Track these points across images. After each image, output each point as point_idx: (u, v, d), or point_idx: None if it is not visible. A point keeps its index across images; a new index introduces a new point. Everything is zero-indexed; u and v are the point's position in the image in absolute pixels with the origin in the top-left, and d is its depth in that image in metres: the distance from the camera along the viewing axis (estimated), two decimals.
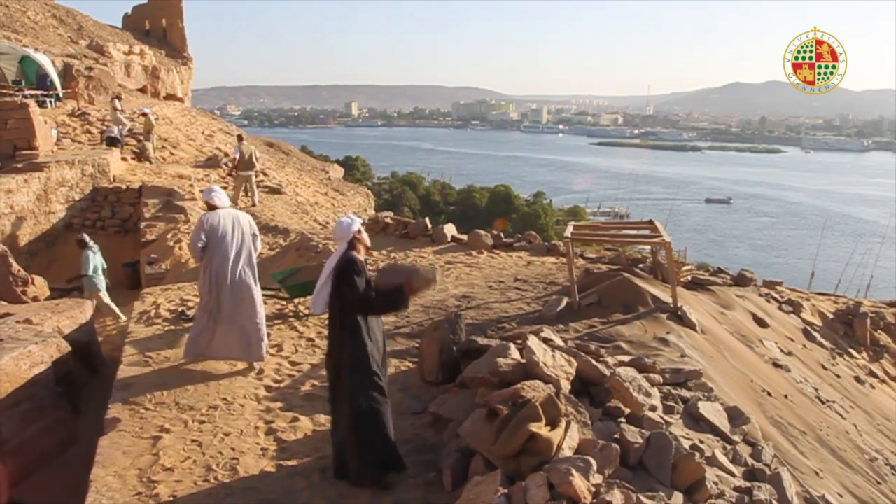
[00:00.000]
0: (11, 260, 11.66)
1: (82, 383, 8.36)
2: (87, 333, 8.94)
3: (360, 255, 4.96)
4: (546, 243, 12.30)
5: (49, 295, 11.89)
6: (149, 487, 4.85)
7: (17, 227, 14.74)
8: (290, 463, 5.10)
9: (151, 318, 8.55)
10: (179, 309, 8.79)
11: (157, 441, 5.48)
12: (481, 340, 6.18)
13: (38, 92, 23.80)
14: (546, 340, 5.74)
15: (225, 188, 13.99)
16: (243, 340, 6.82)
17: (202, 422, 5.77)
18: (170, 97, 38.81)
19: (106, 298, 10.93)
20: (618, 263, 10.43)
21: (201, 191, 7.69)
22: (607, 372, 5.25)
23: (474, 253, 11.58)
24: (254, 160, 16.16)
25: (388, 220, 13.55)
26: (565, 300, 8.19)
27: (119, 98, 22.63)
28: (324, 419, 5.71)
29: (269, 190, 18.83)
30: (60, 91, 25.53)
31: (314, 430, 5.57)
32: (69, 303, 9.46)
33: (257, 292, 6.93)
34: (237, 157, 16.10)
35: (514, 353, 5.34)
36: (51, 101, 24.16)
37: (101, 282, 10.91)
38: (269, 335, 7.31)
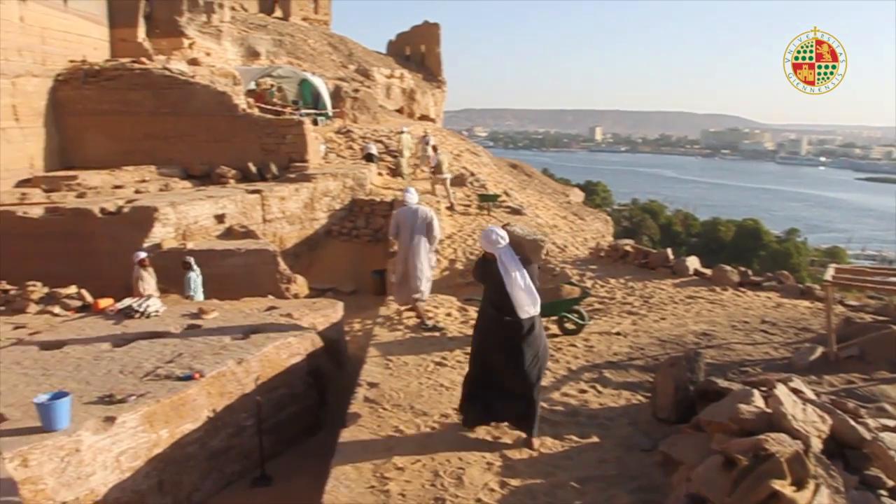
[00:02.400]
0: (280, 259, 13.05)
1: (329, 377, 9.09)
2: (338, 332, 9.72)
3: None
4: (799, 285, 11.31)
5: (307, 293, 13.13)
6: (381, 482, 5.14)
7: (286, 231, 16.44)
8: (513, 482, 5.13)
9: (394, 324, 9.07)
10: (420, 319, 9.23)
11: (391, 440, 5.78)
12: (721, 382, 5.80)
13: (313, 111, 26.48)
14: (796, 391, 5.26)
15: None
16: (412, 291, 9.19)
17: (433, 428, 6.00)
18: (423, 118, 41.21)
19: None
20: (885, 314, 9.30)
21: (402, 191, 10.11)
22: (868, 435, 4.69)
23: (718, 289, 10.95)
24: (442, 168, 19.25)
25: (628, 248, 13.25)
26: (820, 349, 7.46)
27: (429, 141, 23.00)
28: (550, 442, 5.69)
29: (511, 210, 19.28)
30: (330, 110, 28.18)
31: (540, 452, 5.56)
32: (324, 302, 10.35)
33: (425, 261, 9.23)
34: (434, 165, 19.53)
35: (759, 400, 4.95)
36: (322, 120, 26.74)
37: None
38: None
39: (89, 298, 10.47)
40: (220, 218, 14.85)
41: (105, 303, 10.14)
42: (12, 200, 15.01)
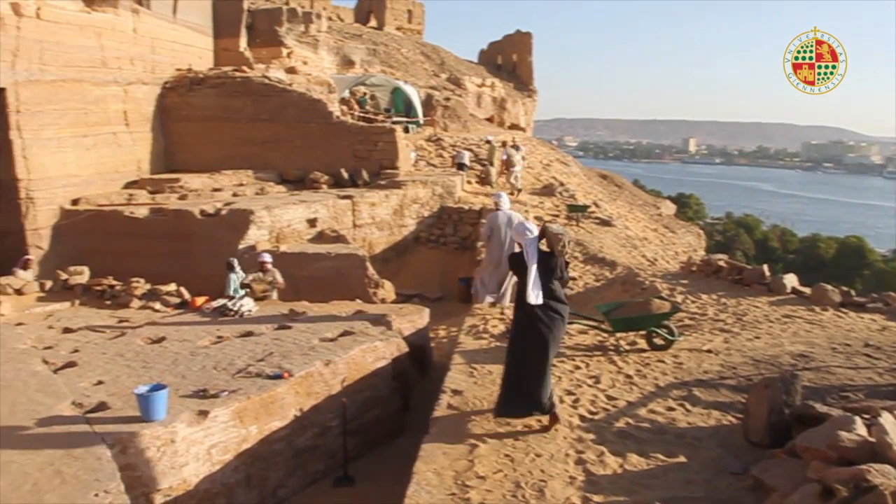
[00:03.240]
0: (368, 264, 13.27)
1: (413, 382, 9.18)
2: (423, 338, 9.79)
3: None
4: None
5: (394, 298, 13.30)
6: (462, 490, 5.13)
7: (375, 236, 16.71)
8: (595, 497, 5.04)
9: (479, 333, 9.06)
10: (506, 328, 9.20)
11: (473, 449, 5.78)
12: (819, 407, 5.53)
13: (404, 119, 26.85)
14: None
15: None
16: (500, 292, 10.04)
17: (516, 438, 5.96)
18: (513, 127, 41.14)
19: None
20: None
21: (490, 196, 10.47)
22: None
23: (817, 309, 10.44)
24: (514, 161, 20.67)
25: (722, 263, 12.81)
26: None
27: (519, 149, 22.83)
28: (635, 459, 5.56)
29: (600, 222, 19.01)
30: (421, 118, 28.51)
31: (624, 469, 5.44)
32: (410, 308, 10.45)
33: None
34: (504, 159, 20.76)
35: (861, 428, 4.69)
36: (413, 128, 27.07)
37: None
38: (587, 365, 7.77)
39: (187, 296, 10.92)
40: (312, 222, 15.24)
41: (201, 300, 10.57)
42: (121, 201, 15.87)
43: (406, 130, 25.09)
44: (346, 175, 18.58)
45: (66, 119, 15.71)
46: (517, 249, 6.55)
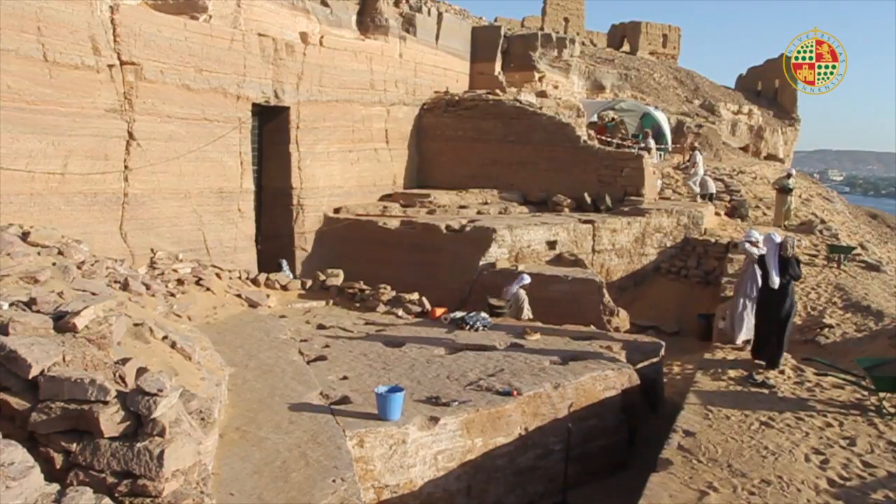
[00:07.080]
0: (605, 291, 13.05)
1: (642, 417, 8.84)
2: (656, 372, 9.43)
3: None
4: None
5: (628, 328, 12.94)
6: None
7: (614, 263, 16.39)
8: None
9: (718, 374, 8.53)
10: (747, 372, 8.58)
11: (702, 496, 5.44)
12: None
13: (652, 145, 26.11)
14: None
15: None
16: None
17: (752, 493, 5.51)
18: (770, 157, 38.34)
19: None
20: None
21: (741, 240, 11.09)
22: None
23: None
24: (697, 161, 20.58)
25: None
26: None
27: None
28: None
29: (866, 266, 17.03)
30: (670, 146, 27.54)
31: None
32: (645, 340, 10.11)
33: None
34: (694, 161, 20.73)
35: None
36: (661, 155, 26.25)
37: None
38: (841, 424, 7.02)
39: (428, 306, 11.46)
40: (551, 244, 15.32)
41: (440, 311, 11.05)
42: (376, 212, 17.12)
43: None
44: (588, 199, 18.43)
45: (335, 135, 17.32)
46: (752, 250, 9.49)
